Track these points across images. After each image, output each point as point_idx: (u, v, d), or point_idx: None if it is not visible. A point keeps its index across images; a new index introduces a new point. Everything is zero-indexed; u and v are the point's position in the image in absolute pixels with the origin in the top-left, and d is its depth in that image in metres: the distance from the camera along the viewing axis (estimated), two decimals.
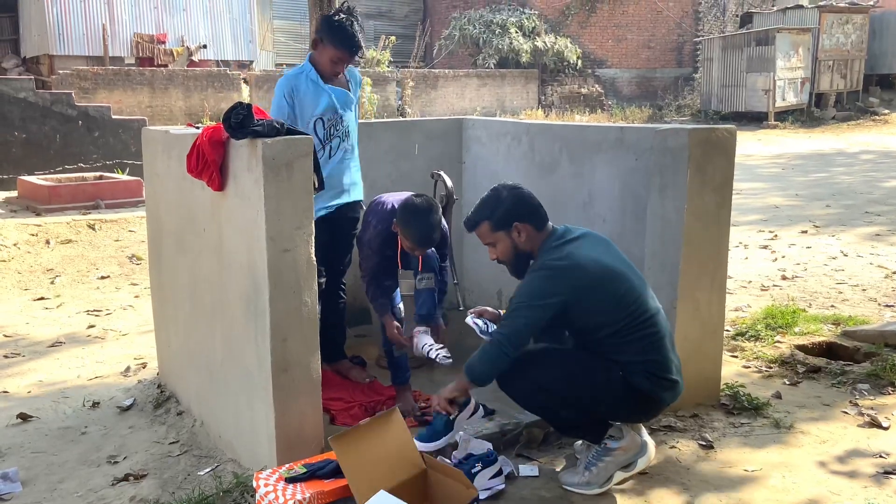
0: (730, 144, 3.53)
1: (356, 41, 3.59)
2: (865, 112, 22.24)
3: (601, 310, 2.85)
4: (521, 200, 3.00)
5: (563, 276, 2.83)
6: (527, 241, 2.99)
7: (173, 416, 3.84)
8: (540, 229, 2.99)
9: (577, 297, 2.82)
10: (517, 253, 3.01)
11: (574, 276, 2.82)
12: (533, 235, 2.98)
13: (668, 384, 2.91)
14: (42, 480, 3.32)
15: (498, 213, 2.98)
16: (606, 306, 2.84)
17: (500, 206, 2.98)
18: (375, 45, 21.15)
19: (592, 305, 2.84)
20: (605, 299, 2.84)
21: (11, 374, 4.72)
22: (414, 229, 3.50)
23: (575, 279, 2.82)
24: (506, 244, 3.00)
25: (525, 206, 2.99)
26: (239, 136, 2.90)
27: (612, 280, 2.86)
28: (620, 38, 25.36)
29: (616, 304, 2.84)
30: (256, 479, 2.76)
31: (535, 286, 2.87)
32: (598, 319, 2.87)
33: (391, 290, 3.76)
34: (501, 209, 2.98)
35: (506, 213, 2.97)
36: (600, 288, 2.83)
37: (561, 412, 2.97)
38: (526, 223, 2.97)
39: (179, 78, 15.74)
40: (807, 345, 4.60)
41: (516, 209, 2.98)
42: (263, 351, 2.92)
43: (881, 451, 3.32)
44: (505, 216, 2.97)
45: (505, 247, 3.01)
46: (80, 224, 8.49)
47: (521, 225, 2.97)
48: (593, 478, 2.97)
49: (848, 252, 7.39)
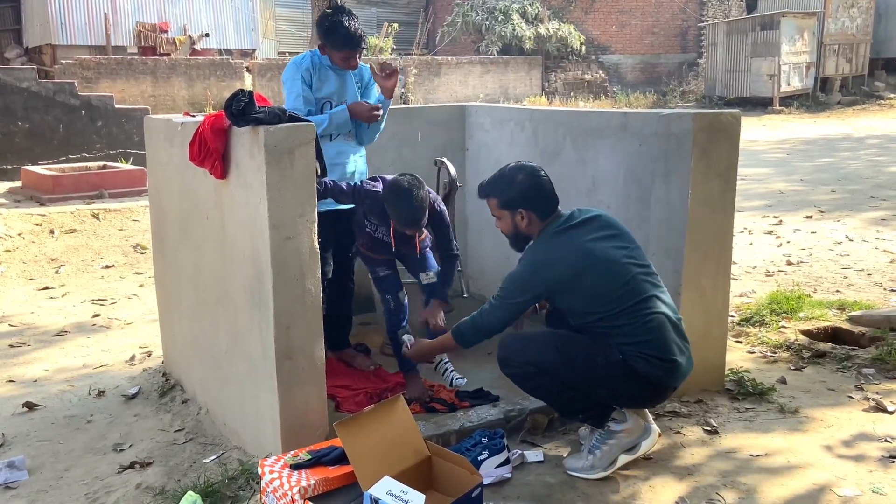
0: (734, 129, 3.51)
1: (356, 35, 3.54)
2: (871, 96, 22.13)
3: (584, 298, 2.91)
4: (533, 188, 3.03)
5: (541, 271, 2.94)
6: (528, 227, 3.05)
7: (178, 404, 3.85)
8: (544, 218, 3.04)
9: (553, 290, 2.94)
10: (517, 233, 3.10)
11: (551, 272, 2.92)
12: (535, 223, 3.05)
13: (668, 365, 2.89)
14: (48, 468, 3.34)
15: (508, 193, 3.04)
16: (589, 294, 2.89)
17: (512, 188, 3.04)
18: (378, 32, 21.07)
19: (574, 295, 2.92)
20: (585, 289, 2.89)
21: (17, 363, 4.73)
22: (398, 209, 3.47)
23: (551, 274, 2.92)
24: (508, 223, 3.09)
25: (535, 195, 3.03)
26: (241, 124, 2.89)
27: (591, 269, 2.89)
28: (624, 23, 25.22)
29: (598, 291, 2.88)
30: (261, 466, 2.77)
31: (517, 279, 3.00)
32: (583, 306, 2.92)
33: (389, 280, 3.74)
34: (512, 192, 3.03)
35: (515, 197, 3.03)
36: (577, 279, 2.89)
37: (562, 395, 2.97)
38: (531, 211, 3.03)
39: (182, 67, 15.71)
40: (812, 330, 4.59)
41: (526, 196, 3.02)
42: (267, 339, 2.92)
43: (887, 435, 3.32)
44: (513, 200, 3.03)
45: (507, 224, 3.11)
46: (84, 214, 8.50)
47: (525, 212, 3.03)
48: (597, 461, 2.98)
49: (853, 237, 7.37)
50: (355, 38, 3.55)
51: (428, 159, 4.49)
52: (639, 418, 3.03)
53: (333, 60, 3.62)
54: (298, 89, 3.57)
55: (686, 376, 2.99)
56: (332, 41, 3.56)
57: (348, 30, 3.52)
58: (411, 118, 4.87)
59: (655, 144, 3.54)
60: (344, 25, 3.52)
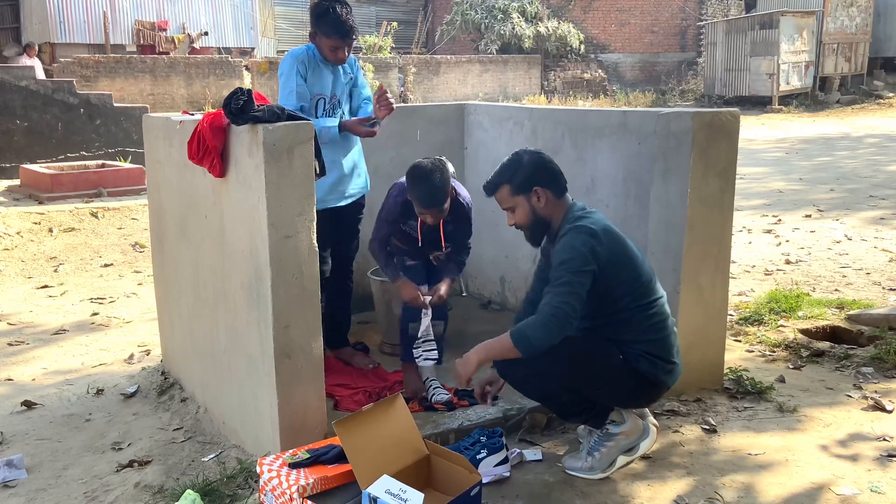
0: (733, 128, 3.51)
1: (347, 24, 3.51)
2: (870, 95, 22.15)
3: (622, 281, 2.85)
4: (542, 165, 2.98)
5: (597, 238, 2.80)
6: (546, 207, 2.95)
7: (177, 403, 3.85)
8: (559, 197, 2.96)
9: (613, 259, 2.81)
10: (536, 218, 2.97)
11: (612, 237, 2.84)
12: (552, 202, 2.95)
13: (668, 367, 2.92)
14: (47, 467, 3.34)
15: (518, 176, 2.96)
16: (626, 277, 2.86)
17: (521, 169, 2.96)
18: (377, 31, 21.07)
19: (619, 273, 2.84)
20: (627, 270, 2.86)
21: (16, 361, 4.73)
22: (416, 190, 3.49)
23: (613, 240, 2.84)
24: (525, 209, 2.97)
25: (546, 172, 2.97)
26: (240, 122, 2.89)
27: (633, 254, 2.90)
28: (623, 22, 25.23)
29: (633, 277, 2.87)
30: (260, 465, 2.76)
31: (575, 252, 2.77)
32: (617, 291, 2.85)
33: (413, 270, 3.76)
34: (522, 173, 2.96)
35: (526, 177, 2.95)
36: (626, 259, 2.86)
37: (561, 398, 2.97)
38: (546, 189, 2.95)
39: (181, 65, 15.71)
40: (811, 329, 4.59)
41: (537, 174, 2.96)
42: (266, 337, 2.92)
43: (885, 434, 3.32)
44: (525, 180, 2.95)
45: (524, 212, 2.98)
46: (83, 212, 8.50)
47: (540, 190, 2.94)
48: (596, 463, 2.98)
49: (852, 236, 7.37)
50: (346, 26, 3.51)
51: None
52: (637, 419, 3.03)
53: (322, 51, 3.58)
54: (293, 84, 3.53)
55: (678, 378, 3.01)
56: (323, 27, 3.52)
57: (339, 16, 3.49)
58: (410, 117, 4.87)
59: (654, 143, 3.54)
60: (336, 11, 3.49)
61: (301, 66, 3.56)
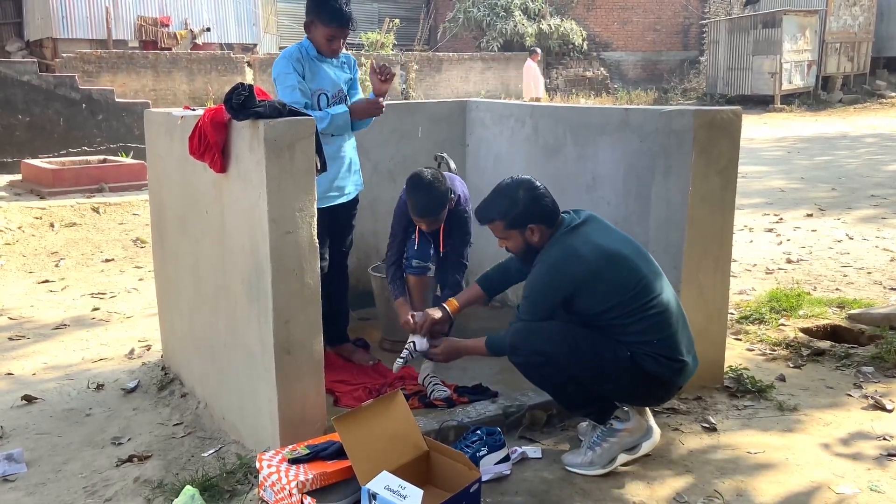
0: (735, 126, 3.50)
1: (345, 13, 3.49)
2: (872, 95, 22.13)
3: (603, 296, 2.87)
4: (536, 202, 2.99)
5: (564, 269, 2.89)
6: (539, 240, 3.02)
7: (177, 398, 3.85)
8: (552, 227, 3.01)
9: (579, 287, 2.88)
10: (528, 248, 3.04)
11: (575, 267, 2.87)
12: (545, 233, 3.01)
13: (677, 365, 2.91)
14: (46, 461, 3.34)
15: (513, 214, 2.99)
16: (608, 291, 2.86)
17: (516, 207, 2.99)
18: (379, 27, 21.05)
19: (594, 294, 2.88)
20: (605, 286, 2.86)
21: (16, 356, 4.73)
22: (412, 198, 3.56)
23: (575, 270, 2.87)
24: (518, 241, 3.04)
25: (540, 208, 3.00)
26: (241, 118, 2.88)
27: (611, 266, 2.88)
28: (626, 20, 25.21)
29: (616, 289, 2.86)
30: (259, 461, 2.77)
31: (539, 284, 2.95)
32: (600, 306, 2.89)
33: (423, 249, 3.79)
34: (516, 211, 2.99)
35: (521, 215, 2.99)
36: (599, 275, 2.86)
37: (567, 388, 2.97)
38: (540, 224, 2.99)
39: (183, 61, 15.70)
40: (811, 328, 4.59)
41: (531, 212, 2.98)
42: (266, 333, 2.92)
43: (885, 433, 3.32)
44: (520, 218, 2.99)
45: (516, 244, 3.06)
46: (85, 207, 8.49)
47: (535, 226, 2.99)
48: (596, 458, 2.98)
49: (853, 235, 7.37)
50: (345, 16, 3.49)
51: (428, 154, 4.48)
52: (641, 418, 3.03)
53: (317, 43, 3.55)
54: (293, 81, 3.51)
55: (692, 374, 3.00)
56: (322, 14, 3.49)
57: (341, 6, 3.48)
58: (412, 113, 4.86)
59: (656, 141, 3.53)
60: (338, 2, 3.47)
61: (297, 65, 3.54)
